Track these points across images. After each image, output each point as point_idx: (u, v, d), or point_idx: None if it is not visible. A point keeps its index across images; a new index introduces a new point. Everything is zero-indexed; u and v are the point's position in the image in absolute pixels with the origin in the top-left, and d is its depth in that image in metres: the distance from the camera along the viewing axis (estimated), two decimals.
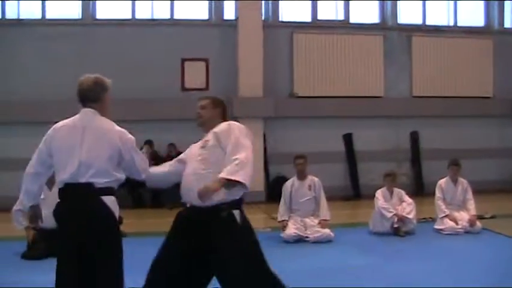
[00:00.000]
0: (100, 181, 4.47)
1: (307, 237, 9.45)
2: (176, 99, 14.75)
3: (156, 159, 14.14)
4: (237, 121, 15.58)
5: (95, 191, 4.46)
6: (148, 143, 14.15)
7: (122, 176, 4.66)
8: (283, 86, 15.70)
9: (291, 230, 9.49)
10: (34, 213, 4.81)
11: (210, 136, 4.97)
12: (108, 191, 4.54)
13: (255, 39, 14.99)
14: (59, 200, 4.56)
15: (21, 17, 15.00)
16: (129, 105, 14.28)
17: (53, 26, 14.80)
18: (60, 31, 14.68)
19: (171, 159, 14.73)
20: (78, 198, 4.48)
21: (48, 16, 15.12)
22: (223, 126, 4.98)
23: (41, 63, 14.33)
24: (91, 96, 4.65)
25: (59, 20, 15.02)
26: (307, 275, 7.29)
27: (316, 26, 16.22)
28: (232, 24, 15.35)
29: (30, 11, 15.02)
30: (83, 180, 4.43)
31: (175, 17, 15.62)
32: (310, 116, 15.55)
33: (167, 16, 15.59)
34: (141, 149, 5.40)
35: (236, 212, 4.78)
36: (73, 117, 4.69)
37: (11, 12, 14.99)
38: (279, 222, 9.82)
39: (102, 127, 4.61)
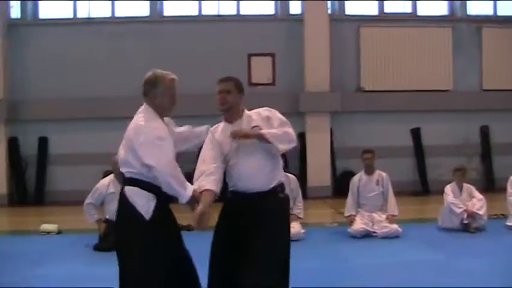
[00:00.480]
0: (124, 170, 4.59)
1: (374, 232, 9.37)
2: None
3: None
4: (304, 116, 15.60)
5: (123, 181, 4.64)
6: None
7: (146, 171, 4.48)
8: (350, 80, 15.60)
9: (359, 225, 9.42)
10: None
11: (259, 122, 5.01)
12: (131, 181, 4.54)
13: (322, 33, 14.93)
14: None
15: (91, 16, 15.40)
16: (196, 101, 14.46)
17: (122, 24, 15.15)
18: (129, 29, 15.00)
19: None
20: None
21: (117, 14, 15.48)
22: (267, 112, 5.16)
23: (110, 60, 14.67)
24: (144, 91, 4.73)
25: (127, 18, 15.36)
26: (374, 270, 7.25)
27: (383, 19, 16.03)
28: (299, 19, 15.34)
29: (100, 10, 15.42)
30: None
31: (242, 12, 15.73)
32: (377, 110, 15.39)
33: (233, 12, 15.71)
34: None
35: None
36: None
37: (82, 11, 15.41)
38: (346, 217, 9.75)
39: (132, 121, 4.65)
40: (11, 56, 14.93)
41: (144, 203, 4.45)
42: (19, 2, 15.31)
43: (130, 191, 4.49)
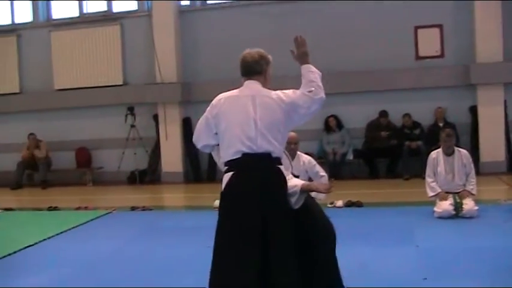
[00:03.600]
0: (275, 150, 4.40)
1: None
2: (410, 68, 14.48)
3: (392, 129, 14.13)
4: (475, 88, 14.94)
5: (272, 161, 4.40)
6: (383, 114, 14.20)
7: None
8: None
9: None
10: None
11: None
12: (279, 161, 4.47)
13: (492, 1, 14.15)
14: (231, 171, 4.42)
15: None
16: (362, 76, 14.36)
17: (287, 4, 15.20)
18: (294, 8, 15.02)
19: (407, 130, 14.52)
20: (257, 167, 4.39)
21: None
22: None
23: (276, 41, 14.74)
24: (257, 68, 4.64)
25: None
26: None
27: None
28: None
29: None
30: (260, 150, 4.35)
31: None
32: None
33: None
34: None
35: None
36: (238, 89, 4.67)
37: None
38: None
39: (269, 96, 4.52)
40: (183, 42, 15.65)
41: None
42: None
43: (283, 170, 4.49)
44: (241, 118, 4.41)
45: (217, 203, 10.35)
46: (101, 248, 8.03)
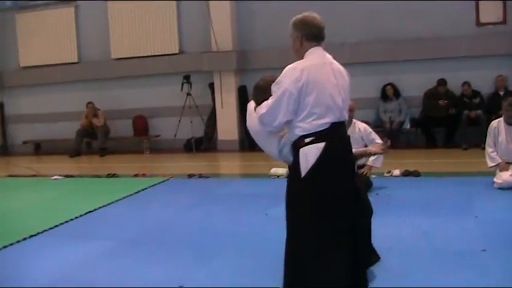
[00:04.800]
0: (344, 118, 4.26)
1: None
2: (470, 35, 14.10)
3: (450, 98, 13.85)
4: None
5: (346, 129, 4.33)
6: (442, 82, 13.91)
7: None
8: None
9: None
10: None
11: None
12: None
13: None
14: (319, 142, 4.05)
15: None
16: (421, 44, 14.07)
17: None
18: None
19: (466, 98, 14.17)
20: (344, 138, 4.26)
21: None
22: None
23: (324, 9, 14.59)
24: (324, 34, 4.34)
25: None
26: None
27: None
28: None
29: None
30: (343, 118, 4.19)
31: None
32: None
33: None
34: None
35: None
36: (311, 57, 4.23)
37: None
38: None
39: (339, 65, 4.32)
40: (238, 9, 15.59)
41: None
42: None
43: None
44: (329, 87, 4.10)
45: (274, 170, 10.46)
46: (161, 213, 8.18)
